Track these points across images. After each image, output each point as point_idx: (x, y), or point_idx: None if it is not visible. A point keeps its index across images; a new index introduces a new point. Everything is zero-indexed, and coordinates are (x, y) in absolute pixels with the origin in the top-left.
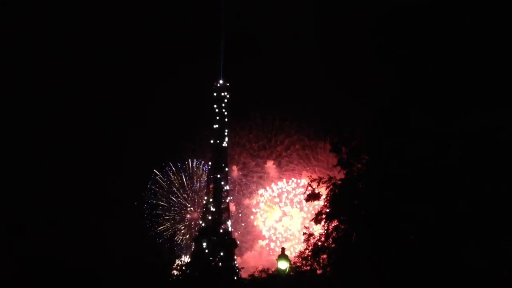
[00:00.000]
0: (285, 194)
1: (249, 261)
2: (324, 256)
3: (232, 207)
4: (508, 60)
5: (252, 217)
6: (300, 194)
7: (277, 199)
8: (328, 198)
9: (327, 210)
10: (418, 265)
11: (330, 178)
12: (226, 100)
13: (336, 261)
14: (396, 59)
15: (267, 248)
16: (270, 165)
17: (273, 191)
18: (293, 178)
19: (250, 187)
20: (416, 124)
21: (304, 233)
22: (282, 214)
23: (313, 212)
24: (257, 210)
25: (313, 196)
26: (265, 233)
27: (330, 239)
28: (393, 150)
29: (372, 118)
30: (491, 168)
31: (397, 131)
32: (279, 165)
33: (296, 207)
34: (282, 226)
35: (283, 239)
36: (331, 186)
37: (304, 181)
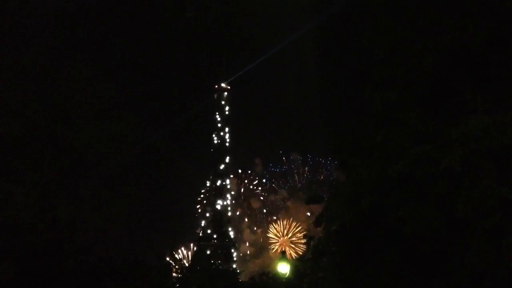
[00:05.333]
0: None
1: (269, 263)
2: (325, 259)
3: (257, 204)
4: (507, 64)
5: (274, 217)
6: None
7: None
8: (328, 200)
9: (328, 213)
10: (419, 267)
11: (331, 181)
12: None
13: (336, 264)
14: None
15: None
16: (296, 157)
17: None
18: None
19: (275, 182)
20: (416, 126)
21: (304, 236)
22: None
23: None
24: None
25: (314, 199)
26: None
27: (331, 242)
28: (393, 153)
29: (373, 120)
30: (492, 172)
31: (397, 133)
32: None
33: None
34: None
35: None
36: (332, 189)
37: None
